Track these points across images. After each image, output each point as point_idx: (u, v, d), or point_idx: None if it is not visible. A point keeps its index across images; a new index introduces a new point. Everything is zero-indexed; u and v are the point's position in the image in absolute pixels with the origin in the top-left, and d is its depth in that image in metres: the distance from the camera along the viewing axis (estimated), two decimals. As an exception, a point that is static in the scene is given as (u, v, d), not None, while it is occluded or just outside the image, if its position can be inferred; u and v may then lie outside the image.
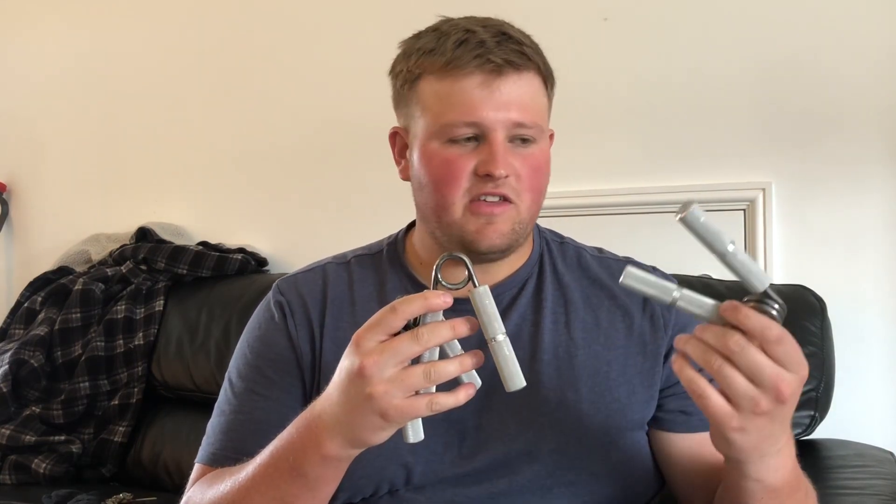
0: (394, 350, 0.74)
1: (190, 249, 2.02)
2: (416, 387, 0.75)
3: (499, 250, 0.97)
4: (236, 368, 1.06)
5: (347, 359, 0.78)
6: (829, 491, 1.22)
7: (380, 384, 0.74)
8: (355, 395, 0.76)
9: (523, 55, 0.94)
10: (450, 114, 0.94)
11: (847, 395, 1.54)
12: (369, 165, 1.98)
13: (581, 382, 0.99)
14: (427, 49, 0.96)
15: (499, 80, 0.93)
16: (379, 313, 0.77)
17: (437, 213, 0.98)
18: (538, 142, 0.97)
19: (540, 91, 0.98)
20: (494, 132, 0.93)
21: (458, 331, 0.76)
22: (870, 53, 1.60)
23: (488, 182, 0.94)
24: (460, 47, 0.93)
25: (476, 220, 0.95)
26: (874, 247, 1.61)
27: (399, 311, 0.75)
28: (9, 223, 2.47)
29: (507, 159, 0.94)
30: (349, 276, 1.07)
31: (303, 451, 0.83)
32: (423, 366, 0.75)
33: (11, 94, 2.50)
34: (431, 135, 0.96)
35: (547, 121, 1.00)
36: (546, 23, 1.09)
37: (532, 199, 0.97)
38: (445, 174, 0.95)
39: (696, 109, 1.72)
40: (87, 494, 1.71)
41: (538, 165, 0.97)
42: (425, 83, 0.96)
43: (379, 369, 0.74)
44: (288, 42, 2.14)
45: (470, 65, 0.93)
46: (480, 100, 0.93)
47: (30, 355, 1.94)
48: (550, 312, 1.02)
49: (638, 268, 0.75)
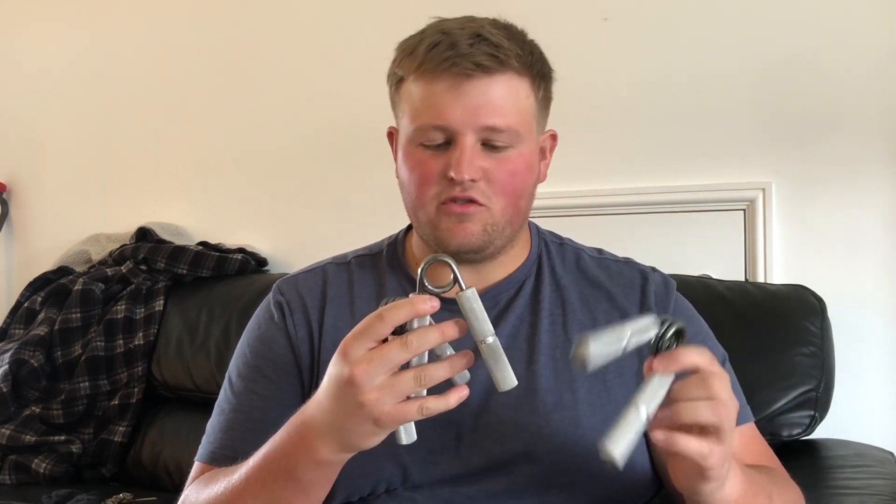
0: (383, 358, 0.74)
1: (190, 249, 2.02)
2: (406, 392, 0.75)
3: (470, 250, 0.97)
4: (236, 368, 1.07)
5: (336, 367, 0.77)
6: (829, 491, 1.22)
7: (371, 392, 0.74)
8: (346, 402, 0.76)
9: (496, 58, 0.92)
10: (422, 117, 0.95)
11: (847, 395, 1.54)
12: (369, 166, 1.98)
13: (578, 384, 0.99)
14: (408, 51, 0.97)
15: (467, 84, 0.92)
16: (366, 321, 0.76)
17: (415, 211, 0.99)
18: (516, 146, 0.96)
19: (521, 93, 0.95)
20: (462, 136, 0.93)
21: (447, 335, 0.76)
22: (870, 53, 1.60)
23: (456, 185, 0.94)
24: (433, 50, 0.93)
25: (447, 219, 0.96)
26: (874, 247, 1.61)
27: (387, 318, 0.75)
28: (9, 223, 2.47)
29: (475, 163, 0.93)
30: (349, 277, 1.07)
31: (295, 456, 0.83)
32: (413, 371, 0.75)
33: (11, 94, 2.49)
34: (409, 136, 0.97)
35: (532, 123, 0.98)
36: (546, 23, 1.09)
37: (507, 203, 0.96)
38: (418, 176, 0.97)
39: (697, 109, 1.72)
40: (87, 494, 1.71)
41: (514, 170, 0.96)
42: (406, 85, 0.97)
43: (369, 377, 0.74)
44: (288, 42, 2.14)
45: (439, 68, 0.92)
46: (448, 103, 0.93)
47: (30, 355, 1.94)
48: (548, 314, 1.02)
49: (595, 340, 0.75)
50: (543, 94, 1.00)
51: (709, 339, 1.07)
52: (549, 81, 1.01)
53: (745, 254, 1.68)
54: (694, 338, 1.04)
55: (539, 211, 1.11)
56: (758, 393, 1.35)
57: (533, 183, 1.01)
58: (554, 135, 1.05)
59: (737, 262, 1.69)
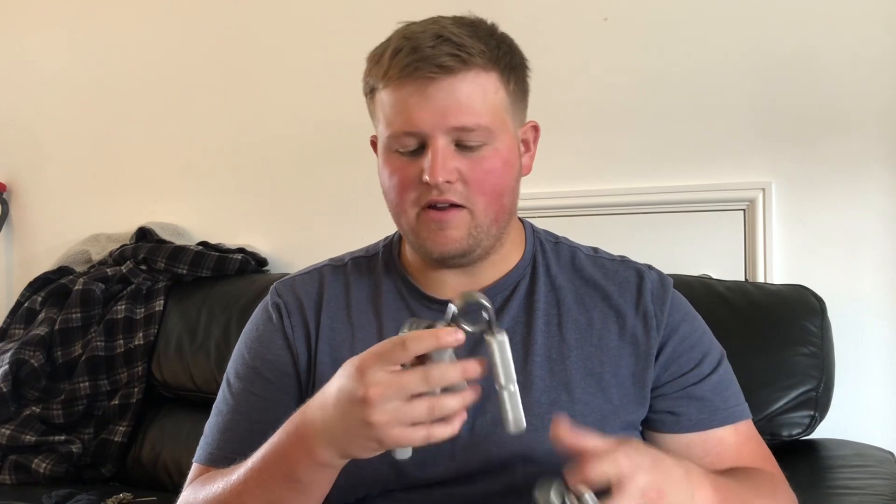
0: (401, 386, 0.74)
1: (190, 249, 2.02)
2: (417, 420, 0.75)
3: (455, 255, 0.97)
4: (234, 369, 1.07)
5: (349, 382, 0.77)
6: (829, 491, 1.22)
7: (382, 415, 0.75)
8: (354, 418, 0.76)
9: (458, 57, 0.91)
10: (394, 124, 0.94)
11: (847, 395, 1.54)
12: (369, 166, 1.96)
13: (574, 384, 0.99)
14: (375, 60, 0.97)
15: (432, 87, 0.92)
16: (388, 344, 0.76)
17: (398, 218, 0.99)
18: (491, 142, 0.95)
19: (489, 88, 0.94)
20: (433, 139, 0.93)
21: (468, 374, 0.76)
22: (870, 53, 1.60)
23: (433, 189, 0.93)
24: (396, 56, 0.93)
25: (428, 227, 0.96)
26: (874, 247, 1.61)
27: (410, 348, 0.74)
28: (9, 223, 2.47)
29: (449, 165, 0.93)
30: (345, 279, 1.07)
31: (295, 457, 0.83)
32: (427, 402, 0.75)
33: (11, 94, 2.49)
34: (385, 144, 0.97)
35: (505, 117, 0.96)
36: (546, 23, 1.09)
37: (488, 202, 0.96)
38: (397, 182, 0.97)
39: (696, 109, 1.72)
40: (87, 494, 1.71)
41: (491, 168, 0.95)
42: (378, 94, 0.97)
43: (383, 401, 0.74)
44: (288, 42, 2.14)
45: (403, 73, 0.92)
46: (415, 108, 0.92)
47: (30, 355, 1.94)
48: (543, 314, 1.02)
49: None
50: (515, 87, 0.98)
51: (705, 337, 1.06)
52: (521, 72, 1.00)
53: (745, 254, 1.68)
54: (690, 336, 1.04)
55: (538, 211, 1.11)
56: (758, 393, 1.35)
57: (514, 178, 0.99)
58: (535, 126, 1.04)
59: (737, 262, 1.69)
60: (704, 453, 1.00)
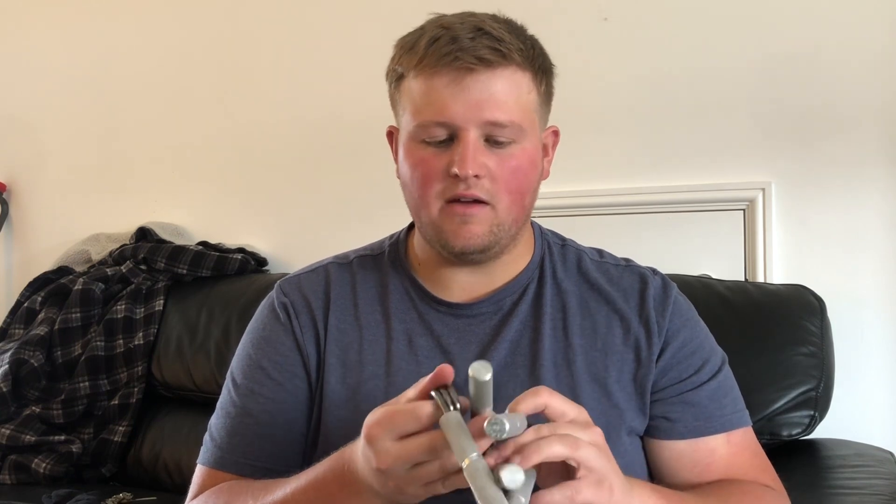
0: (409, 457, 0.73)
1: (190, 249, 2.02)
2: (431, 479, 0.74)
3: (475, 251, 0.95)
4: (240, 369, 1.05)
5: (364, 447, 0.76)
6: (829, 491, 1.22)
7: (398, 479, 0.74)
8: (379, 481, 0.76)
9: (498, 51, 0.90)
10: (424, 113, 0.93)
11: (847, 395, 1.54)
12: (369, 165, 1.99)
13: (580, 388, 0.98)
14: (407, 47, 0.95)
15: (469, 78, 0.90)
16: (396, 410, 0.74)
17: (417, 211, 0.98)
18: (520, 141, 0.94)
19: (524, 87, 0.94)
20: (465, 131, 0.91)
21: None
22: (870, 53, 1.60)
23: (460, 183, 0.92)
24: (433, 45, 0.91)
25: (451, 221, 0.94)
26: (874, 247, 1.61)
27: (422, 421, 0.72)
28: (9, 223, 2.47)
29: (479, 160, 0.92)
30: (352, 278, 1.06)
31: (340, 498, 0.81)
32: (437, 463, 0.73)
33: (11, 94, 2.49)
34: (411, 134, 0.95)
35: (535, 118, 0.96)
36: (546, 22, 1.08)
37: (512, 201, 0.95)
38: (421, 174, 0.95)
39: (696, 109, 1.72)
40: (87, 494, 1.71)
41: (518, 166, 0.94)
42: (406, 82, 0.95)
43: (394, 470, 0.74)
44: (287, 42, 2.14)
45: (440, 63, 0.91)
46: (450, 98, 0.91)
47: (30, 355, 1.94)
48: (550, 318, 1.01)
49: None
50: (545, 89, 0.98)
51: (707, 343, 1.05)
52: (550, 76, 0.99)
53: (745, 254, 1.68)
54: (690, 342, 1.03)
55: (540, 211, 1.11)
56: (758, 393, 1.35)
57: (537, 179, 0.99)
58: (556, 131, 1.03)
59: (737, 262, 1.69)
60: (693, 464, 0.99)
